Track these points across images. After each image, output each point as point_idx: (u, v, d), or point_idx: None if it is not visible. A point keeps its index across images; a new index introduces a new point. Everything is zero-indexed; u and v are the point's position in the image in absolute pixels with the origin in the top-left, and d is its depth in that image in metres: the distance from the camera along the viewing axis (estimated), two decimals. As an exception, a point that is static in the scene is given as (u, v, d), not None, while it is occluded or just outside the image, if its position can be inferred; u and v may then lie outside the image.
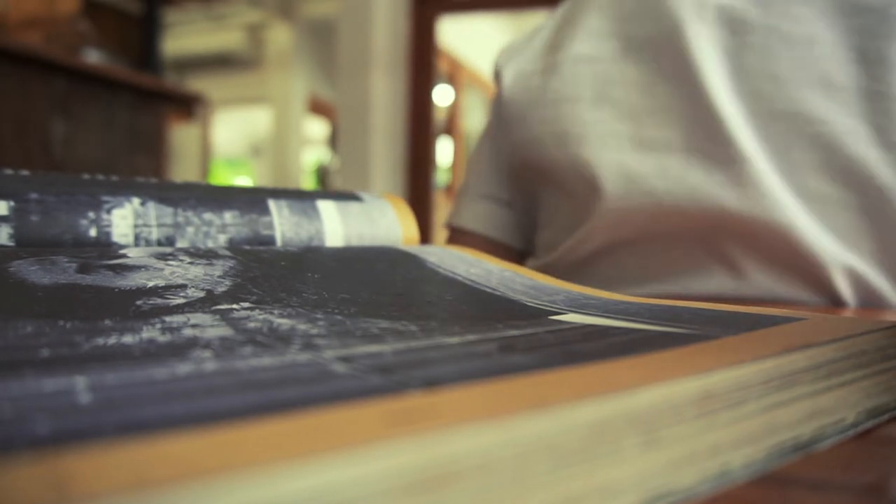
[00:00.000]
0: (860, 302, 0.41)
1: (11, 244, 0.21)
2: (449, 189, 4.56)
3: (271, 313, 0.17)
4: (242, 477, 0.07)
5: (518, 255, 0.55)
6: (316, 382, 0.11)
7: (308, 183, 5.31)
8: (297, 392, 0.11)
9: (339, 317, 0.18)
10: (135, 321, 0.15)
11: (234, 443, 0.08)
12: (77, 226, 0.22)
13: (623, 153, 0.44)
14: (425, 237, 2.58)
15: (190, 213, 0.25)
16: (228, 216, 0.26)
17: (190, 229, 0.25)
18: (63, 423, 0.09)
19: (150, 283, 0.18)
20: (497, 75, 0.53)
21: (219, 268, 0.21)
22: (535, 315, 0.20)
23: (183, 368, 0.12)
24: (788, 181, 0.41)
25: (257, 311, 0.17)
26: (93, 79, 1.88)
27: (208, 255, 0.22)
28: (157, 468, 0.07)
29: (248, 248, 0.24)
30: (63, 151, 1.80)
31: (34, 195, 0.22)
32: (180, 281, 0.19)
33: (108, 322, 0.15)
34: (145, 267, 0.20)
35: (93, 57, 2.01)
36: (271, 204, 0.27)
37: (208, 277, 0.20)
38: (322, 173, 5.47)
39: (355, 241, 0.29)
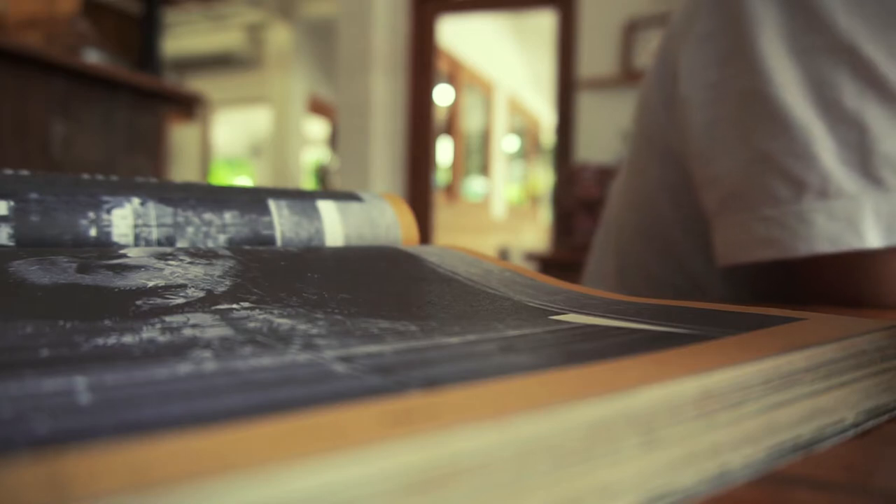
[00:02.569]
0: None
1: (11, 244, 0.21)
2: (448, 189, 4.56)
3: (271, 313, 0.17)
4: (242, 477, 0.07)
5: None
6: (316, 382, 0.11)
7: (308, 183, 5.30)
8: (297, 392, 0.11)
9: (339, 317, 0.18)
10: (135, 321, 0.15)
11: (234, 443, 0.08)
12: (77, 226, 0.22)
13: None
14: (425, 237, 2.58)
15: (190, 213, 0.25)
16: (228, 216, 0.26)
17: (190, 229, 0.25)
18: (62, 423, 0.09)
19: (150, 283, 0.18)
20: None
21: (219, 268, 0.21)
22: (535, 315, 0.20)
23: (183, 368, 0.12)
24: None
25: (257, 311, 0.17)
26: (92, 79, 1.88)
27: (208, 255, 0.22)
28: (156, 468, 0.07)
29: (248, 248, 0.24)
30: (63, 151, 1.80)
31: (34, 195, 0.22)
32: (180, 281, 0.19)
33: (107, 322, 0.15)
34: (145, 267, 0.20)
35: (92, 57, 2.01)
36: (271, 204, 0.27)
37: (208, 277, 0.20)
38: (322, 173, 5.47)
39: (355, 241, 0.29)
